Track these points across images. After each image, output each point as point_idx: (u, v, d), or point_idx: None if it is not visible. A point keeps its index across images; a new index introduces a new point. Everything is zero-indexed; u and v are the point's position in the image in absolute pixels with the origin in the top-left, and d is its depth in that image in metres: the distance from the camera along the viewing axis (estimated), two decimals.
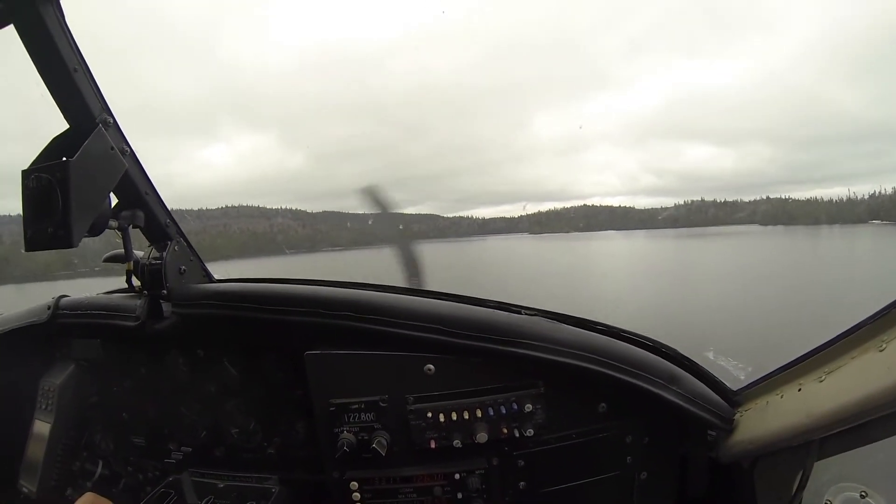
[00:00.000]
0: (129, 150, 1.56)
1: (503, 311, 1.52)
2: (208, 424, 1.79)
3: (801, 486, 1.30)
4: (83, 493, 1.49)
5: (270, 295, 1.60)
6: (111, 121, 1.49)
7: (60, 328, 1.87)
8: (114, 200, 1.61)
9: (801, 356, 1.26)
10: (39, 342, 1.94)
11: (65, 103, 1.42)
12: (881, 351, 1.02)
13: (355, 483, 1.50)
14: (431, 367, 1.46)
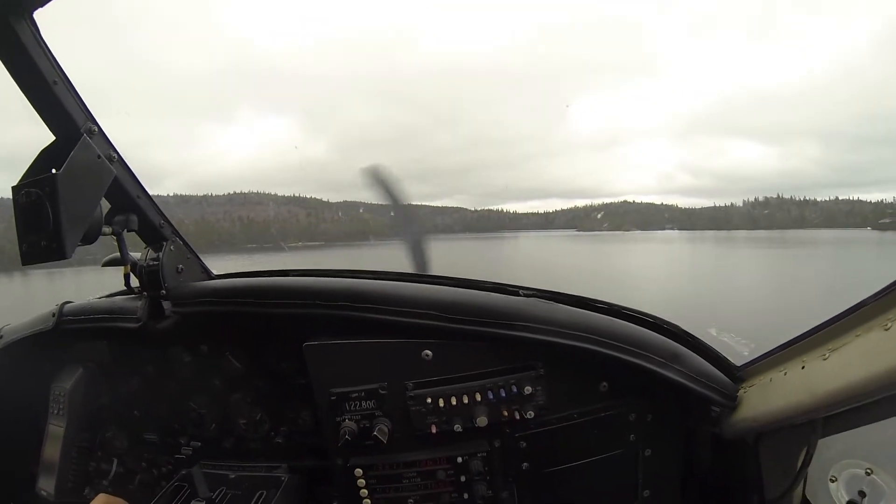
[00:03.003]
0: (116, 157, 1.55)
1: (500, 294, 1.52)
2: (217, 417, 1.83)
3: (806, 463, 1.30)
4: (100, 493, 1.53)
5: (267, 289, 1.62)
6: (96, 129, 1.47)
7: (66, 333, 1.90)
8: (106, 206, 1.61)
9: (806, 332, 1.24)
10: (47, 349, 1.98)
11: (48, 116, 1.41)
12: (886, 330, 0.99)
13: (359, 470, 1.53)
14: (429, 352, 1.47)
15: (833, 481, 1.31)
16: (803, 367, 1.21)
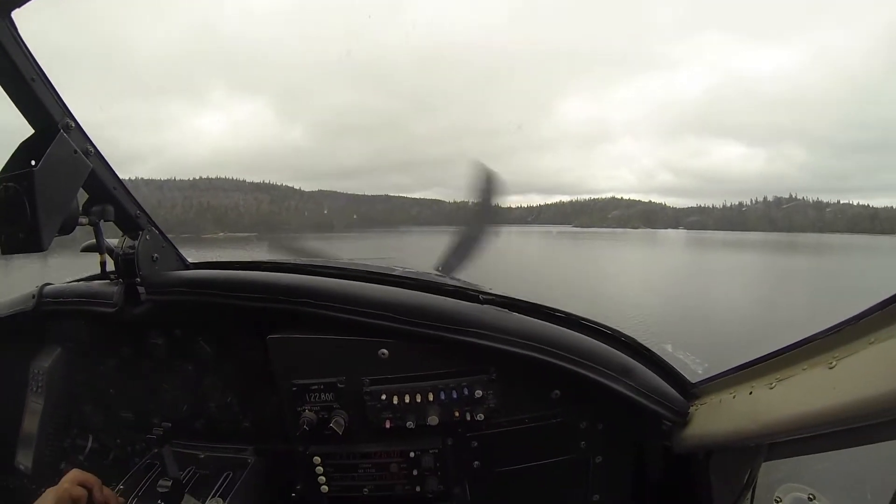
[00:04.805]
0: (93, 151, 1.58)
1: (458, 299, 1.55)
2: (189, 399, 1.89)
3: (749, 483, 1.31)
4: (75, 467, 1.56)
5: (235, 282, 1.67)
6: (73, 124, 1.51)
7: (45, 315, 1.97)
8: (83, 197, 1.64)
9: (758, 358, 1.24)
10: (27, 329, 2.03)
11: (26, 111, 1.45)
12: (830, 368, 0.99)
13: (318, 458, 1.60)
14: (385, 351, 1.52)
15: (777, 502, 1.33)
16: (751, 393, 1.21)
